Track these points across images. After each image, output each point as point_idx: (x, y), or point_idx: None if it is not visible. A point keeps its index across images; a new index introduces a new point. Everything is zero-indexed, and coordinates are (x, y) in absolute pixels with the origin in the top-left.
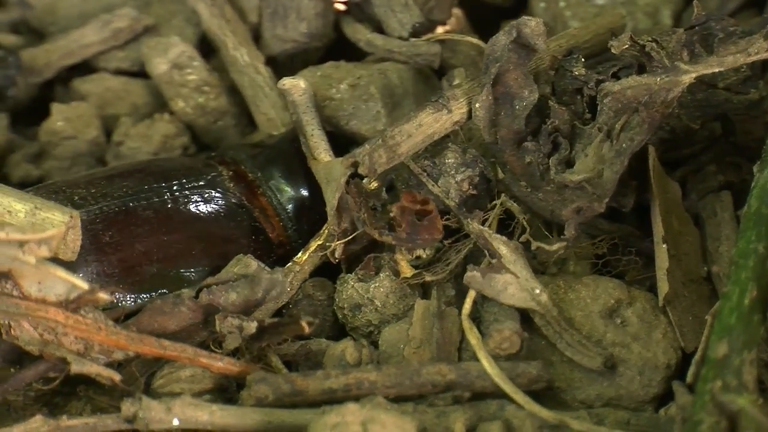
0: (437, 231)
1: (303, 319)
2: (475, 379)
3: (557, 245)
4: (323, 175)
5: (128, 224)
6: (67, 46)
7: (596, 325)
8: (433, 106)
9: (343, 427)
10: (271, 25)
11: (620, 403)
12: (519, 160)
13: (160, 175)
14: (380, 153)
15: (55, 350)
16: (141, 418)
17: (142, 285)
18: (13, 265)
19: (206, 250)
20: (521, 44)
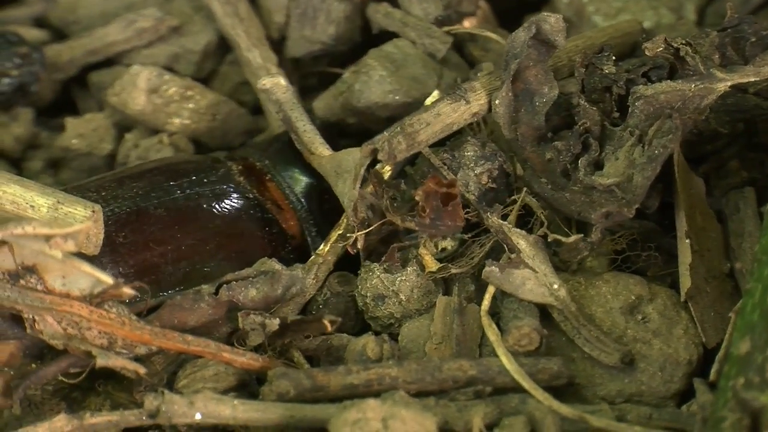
0: (460, 218)
1: (326, 318)
2: (496, 375)
3: (574, 237)
4: (330, 168)
5: (141, 224)
6: (91, 43)
7: (617, 321)
8: (451, 97)
9: (363, 423)
10: (299, 26)
11: (641, 400)
12: (540, 157)
13: (170, 173)
14: (399, 140)
15: (80, 344)
16: (164, 412)
17: (158, 284)
18: (38, 260)
19: (221, 245)
20: (541, 40)
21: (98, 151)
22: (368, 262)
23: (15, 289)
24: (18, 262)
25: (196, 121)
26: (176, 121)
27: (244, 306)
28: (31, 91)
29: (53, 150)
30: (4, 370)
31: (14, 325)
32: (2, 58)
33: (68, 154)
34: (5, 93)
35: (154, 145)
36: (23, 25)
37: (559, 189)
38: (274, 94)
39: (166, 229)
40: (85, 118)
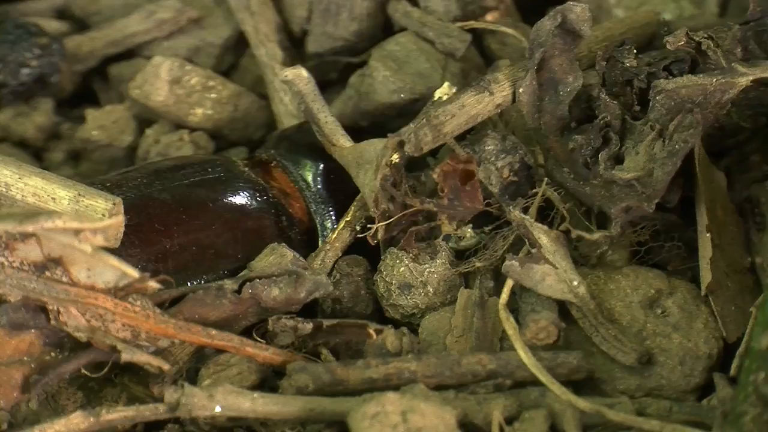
0: (478, 200)
1: (371, 327)
2: (515, 368)
3: (598, 234)
4: (352, 159)
5: (147, 215)
6: (112, 34)
7: (636, 315)
8: (475, 88)
9: (382, 416)
10: (321, 22)
11: (661, 394)
12: (562, 147)
13: (174, 166)
14: (425, 131)
15: (103, 337)
16: (184, 405)
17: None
18: (64, 252)
19: (225, 233)
20: (566, 30)
21: (118, 142)
22: (394, 249)
23: (40, 281)
24: (44, 254)
25: (218, 111)
26: (199, 111)
27: (265, 305)
28: (51, 81)
29: (74, 141)
30: (24, 360)
31: (34, 315)
32: (22, 48)
33: (89, 146)
34: (25, 83)
35: (174, 142)
36: (45, 16)
37: (581, 179)
38: (295, 85)
39: (172, 220)
40: (105, 110)
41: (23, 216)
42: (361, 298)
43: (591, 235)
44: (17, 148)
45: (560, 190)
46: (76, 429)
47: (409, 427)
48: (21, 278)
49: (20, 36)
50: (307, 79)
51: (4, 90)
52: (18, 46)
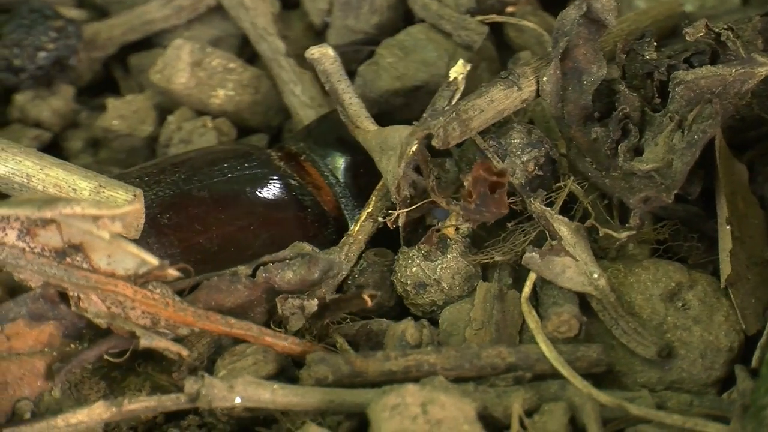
0: (504, 205)
1: (365, 293)
2: (535, 362)
3: (625, 233)
4: (375, 144)
5: (184, 207)
6: (130, 21)
7: (657, 308)
8: (504, 83)
9: (402, 408)
10: (342, 15)
11: (682, 387)
12: (585, 136)
13: (212, 160)
14: (454, 126)
15: (123, 324)
16: (204, 395)
17: (203, 266)
18: (84, 238)
19: (263, 229)
20: (591, 19)
21: (139, 132)
22: (406, 248)
23: (61, 267)
24: (65, 241)
25: (239, 93)
26: (221, 93)
27: (280, 288)
28: (69, 65)
29: (93, 130)
30: (45, 351)
31: (54, 306)
32: (38, 32)
33: (108, 135)
34: (43, 67)
35: (197, 128)
36: (64, 4)
37: (602, 169)
38: (321, 64)
39: (208, 212)
40: (126, 100)
41: (42, 202)
42: (385, 289)
43: (619, 233)
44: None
45: (583, 183)
46: (99, 419)
47: (428, 419)
48: (42, 264)
49: (36, 20)
50: (333, 58)
51: (22, 75)
52: (34, 30)
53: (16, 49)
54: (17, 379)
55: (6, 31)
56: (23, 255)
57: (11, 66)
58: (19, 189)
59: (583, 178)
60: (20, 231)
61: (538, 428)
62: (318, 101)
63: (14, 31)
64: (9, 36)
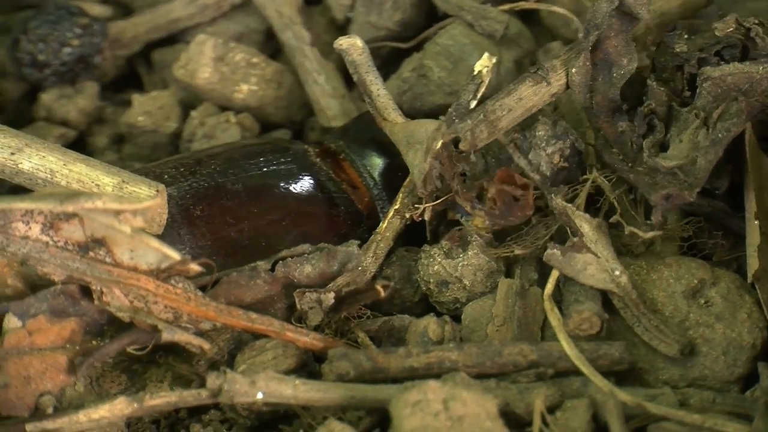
0: (529, 208)
1: (378, 283)
2: (557, 359)
3: (651, 234)
4: (402, 137)
5: (217, 199)
6: (155, 20)
7: (679, 305)
8: (532, 78)
9: (424, 404)
10: (365, 11)
11: (705, 384)
12: (612, 128)
13: (248, 153)
14: (482, 128)
15: (146, 318)
16: (226, 391)
17: (234, 258)
18: (107, 233)
19: (297, 225)
20: (624, 11)
21: (163, 128)
22: (428, 246)
23: (84, 261)
24: (87, 235)
25: (263, 88)
26: (244, 87)
27: (299, 282)
28: (94, 63)
29: (118, 126)
30: (67, 346)
31: (75, 302)
32: (63, 28)
33: (133, 131)
34: (67, 63)
35: (220, 123)
36: (90, 1)
37: (629, 161)
38: (350, 54)
39: (242, 204)
40: (151, 96)
41: (64, 196)
42: (411, 283)
43: (644, 233)
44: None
45: (611, 176)
46: (120, 414)
47: (450, 416)
48: (65, 258)
49: (61, 16)
50: (361, 49)
51: (46, 70)
52: (59, 26)
53: (41, 44)
54: (40, 374)
55: (32, 26)
56: (47, 249)
57: (36, 61)
58: (42, 184)
59: (609, 170)
60: (44, 225)
61: (561, 425)
62: (340, 91)
63: (40, 27)
64: (34, 31)
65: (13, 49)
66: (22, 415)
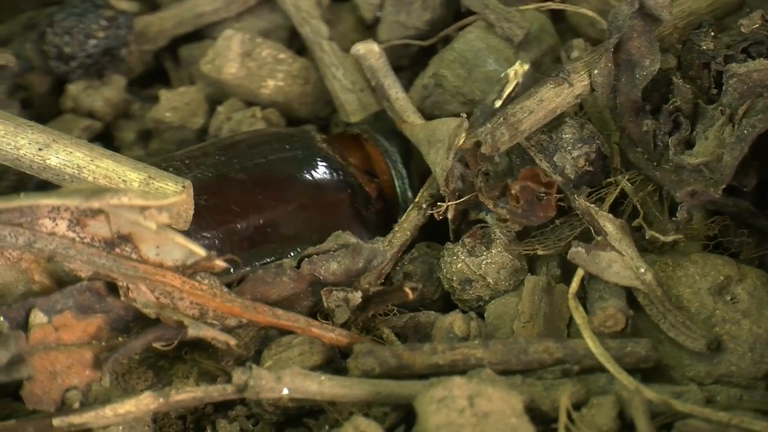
0: (552, 209)
1: (407, 285)
2: (582, 357)
3: (671, 237)
4: (423, 137)
5: (223, 188)
6: (181, 14)
7: (705, 302)
8: (554, 81)
9: (449, 400)
10: (394, 11)
11: (731, 380)
12: (637, 127)
13: (253, 142)
14: (503, 131)
15: (172, 314)
16: (252, 386)
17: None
18: (133, 229)
19: (305, 210)
20: (645, 13)
21: (190, 124)
22: (450, 244)
23: (110, 257)
24: (113, 231)
25: (289, 84)
26: (270, 83)
27: (325, 279)
28: (120, 55)
29: (145, 121)
30: (93, 343)
31: (101, 299)
32: (88, 20)
33: (160, 126)
34: (93, 55)
35: (246, 118)
36: None
37: (654, 160)
38: (367, 60)
39: (249, 192)
40: (178, 92)
41: (90, 192)
42: (432, 281)
43: (665, 236)
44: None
45: (635, 179)
46: (146, 409)
47: (475, 412)
48: (91, 254)
49: (87, 9)
50: (378, 54)
51: (73, 63)
52: (85, 18)
53: (67, 36)
54: (66, 369)
55: (58, 19)
56: (73, 245)
57: (62, 54)
58: (69, 180)
59: (634, 169)
60: (70, 221)
61: (586, 422)
62: (359, 85)
63: (66, 19)
64: (60, 23)
65: (40, 42)
66: (48, 409)
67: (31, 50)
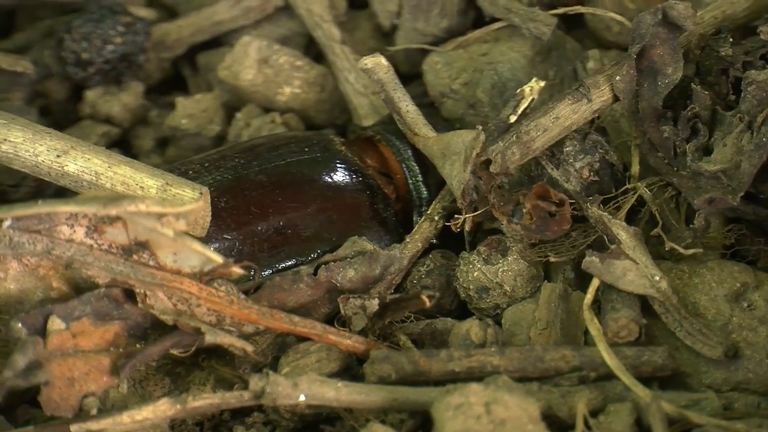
0: (566, 222)
1: (424, 294)
2: (599, 365)
3: (691, 251)
4: (437, 150)
5: (242, 190)
6: (198, 23)
7: (722, 309)
8: (572, 96)
9: (466, 407)
10: (411, 18)
11: (749, 388)
12: (658, 132)
13: (272, 145)
14: (513, 150)
15: (189, 321)
16: (268, 393)
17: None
18: (150, 236)
19: (324, 212)
20: (669, 22)
21: (207, 132)
22: (466, 253)
23: (128, 264)
24: (131, 238)
25: (305, 91)
26: (287, 90)
27: (342, 287)
28: (138, 62)
29: (162, 129)
30: (110, 349)
31: (118, 306)
32: (106, 26)
33: (177, 133)
34: (111, 61)
35: (266, 124)
36: (135, 4)
37: (674, 165)
38: (375, 73)
39: (267, 195)
40: (195, 99)
41: (108, 199)
42: (449, 292)
43: (685, 251)
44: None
45: (652, 186)
46: (163, 415)
47: (492, 419)
48: (109, 261)
49: (104, 15)
50: (386, 68)
51: (90, 69)
52: (102, 24)
53: (85, 42)
54: (83, 375)
55: (75, 25)
56: (91, 252)
57: (80, 60)
58: (87, 187)
59: (652, 175)
60: (88, 228)
61: (604, 429)
62: (371, 89)
63: (83, 25)
64: (78, 29)
65: (58, 48)
66: (66, 416)
67: (49, 57)
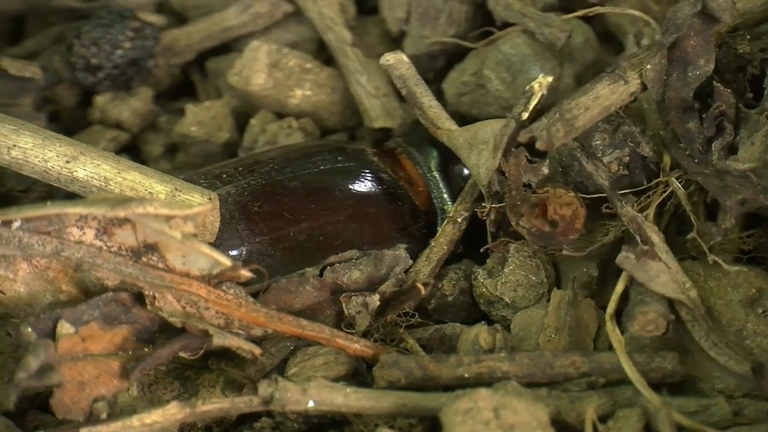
0: (576, 231)
1: (419, 281)
2: (608, 371)
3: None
4: (463, 141)
5: (276, 195)
6: (208, 28)
7: (736, 314)
8: (609, 77)
9: (475, 412)
10: (419, 25)
11: (761, 394)
12: (681, 123)
13: (306, 153)
14: (558, 127)
15: (198, 323)
16: (277, 399)
17: (292, 254)
18: (159, 238)
19: (355, 221)
20: (705, 14)
21: (216, 138)
22: (476, 267)
23: (137, 266)
24: (140, 240)
25: (317, 93)
26: (298, 93)
27: (348, 288)
28: (147, 67)
29: (172, 135)
30: (119, 353)
31: (127, 310)
32: (115, 31)
33: (186, 140)
34: (120, 66)
35: (282, 129)
36: (144, 10)
37: (696, 158)
38: (397, 69)
39: (299, 202)
40: (204, 106)
41: (116, 201)
42: (466, 299)
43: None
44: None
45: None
46: (173, 419)
47: (501, 424)
48: (118, 263)
49: (113, 20)
50: (408, 64)
51: (100, 74)
52: (111, 29)
53: (94, 47)
54: (93, 379)
55: (84, 30)
56: (100, 254)
57: (89, 65)
58: (97, 192)
59: (675, 164)
60: (97, 230)
61: None
62: (383, 91)
63: (92, 30)
64: (87, 35)
65: (67, 53)
66: (77, 419)
67: (58, 62)
